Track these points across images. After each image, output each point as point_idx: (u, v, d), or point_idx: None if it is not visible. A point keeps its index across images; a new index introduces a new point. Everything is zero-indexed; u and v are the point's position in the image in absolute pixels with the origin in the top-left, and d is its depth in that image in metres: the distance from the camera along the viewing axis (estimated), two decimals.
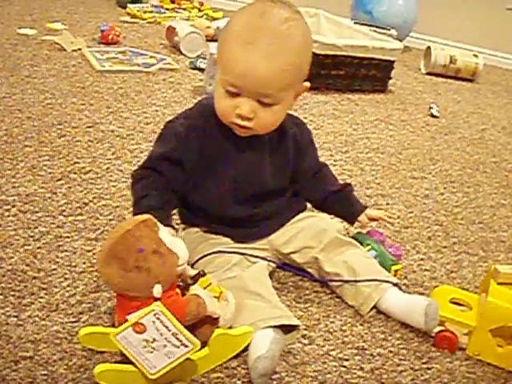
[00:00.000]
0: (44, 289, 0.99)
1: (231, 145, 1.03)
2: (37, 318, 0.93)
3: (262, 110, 0.96)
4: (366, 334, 1.02)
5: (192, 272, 0.87)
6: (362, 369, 0.94)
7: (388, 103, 2.32)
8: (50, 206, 1.22)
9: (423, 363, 0.98)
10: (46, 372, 0.83)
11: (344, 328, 1.02)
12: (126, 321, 0.79)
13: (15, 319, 0.92)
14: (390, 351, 0.99)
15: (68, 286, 1.01)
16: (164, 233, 0.82)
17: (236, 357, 0.90)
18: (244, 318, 0.92)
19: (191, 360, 0.83)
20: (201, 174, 1.03)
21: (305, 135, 1.14)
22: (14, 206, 1.20)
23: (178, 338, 0.78)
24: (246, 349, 0.90)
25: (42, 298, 0.97)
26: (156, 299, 0.79)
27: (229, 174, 1.04)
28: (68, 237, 1.14)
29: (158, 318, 0.78)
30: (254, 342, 0.90)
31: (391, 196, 1.54)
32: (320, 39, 2.18)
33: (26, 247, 1.09)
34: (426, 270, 1.24)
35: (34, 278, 1.01)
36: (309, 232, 1.11)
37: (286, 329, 0.95)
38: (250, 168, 1.05)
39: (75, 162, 1.42)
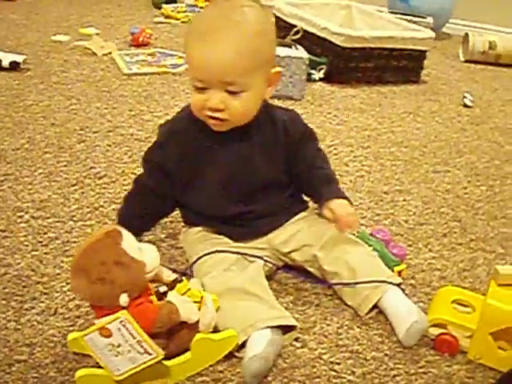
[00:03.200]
0: (45, 293, 1.03)
1: (215, 143, 1.04)
2: (35, 323, 0.96)
3: (231, 99, 0.97)
4: (362, 336, 1.00)
5: (170, 278, 0.88)
6: (353, 373, 0.93)
7: (419, 94, 2.27)
8: (62, 212, 1.26)
9: (419, 367, 0.95)
10: (37, 375, 0.87)
11: (340, 331, 1.01)
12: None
13: (14, 323, 0.96)
14: (386, 354, 0.97)
15: (69, 290, 1.03)
16: (128, 242, 0.83)
17: (223, 360, 0.91)
18: (241, 318, 0.92)
19: (164, 366, 0.85)
20: (188, 176, 1.05)
21: (298, 126, 1.11)
22: (26, 213, 1.25)
23: (142, 346, 0.81)
24: (231, 352, 0.91)
25: (42, 302, 1.01)
26: (124, 307, 0.81)
27: (216, 173, 1.05)
28: (75, 242, 1.17)
29: (123, 326, 0.80)
30: (251, 342, 0.90)
31: (409, 192, 1.51)
32: (345, 32, 2.15)
33: (33, 253, 1.13)
34: (436, 269, 1.21)
35: (38, 282, 1.05)
36: (309, 230, 1.10)
37: (284, 330, 0.95)
38: (238, 163, 1.05)
39: (91, 167, 1.46)
